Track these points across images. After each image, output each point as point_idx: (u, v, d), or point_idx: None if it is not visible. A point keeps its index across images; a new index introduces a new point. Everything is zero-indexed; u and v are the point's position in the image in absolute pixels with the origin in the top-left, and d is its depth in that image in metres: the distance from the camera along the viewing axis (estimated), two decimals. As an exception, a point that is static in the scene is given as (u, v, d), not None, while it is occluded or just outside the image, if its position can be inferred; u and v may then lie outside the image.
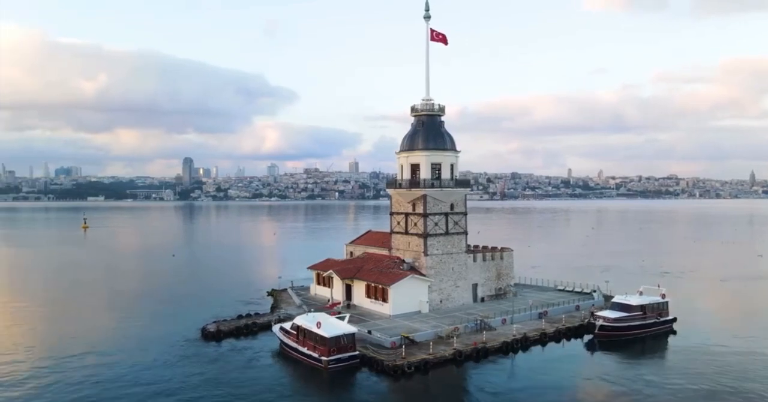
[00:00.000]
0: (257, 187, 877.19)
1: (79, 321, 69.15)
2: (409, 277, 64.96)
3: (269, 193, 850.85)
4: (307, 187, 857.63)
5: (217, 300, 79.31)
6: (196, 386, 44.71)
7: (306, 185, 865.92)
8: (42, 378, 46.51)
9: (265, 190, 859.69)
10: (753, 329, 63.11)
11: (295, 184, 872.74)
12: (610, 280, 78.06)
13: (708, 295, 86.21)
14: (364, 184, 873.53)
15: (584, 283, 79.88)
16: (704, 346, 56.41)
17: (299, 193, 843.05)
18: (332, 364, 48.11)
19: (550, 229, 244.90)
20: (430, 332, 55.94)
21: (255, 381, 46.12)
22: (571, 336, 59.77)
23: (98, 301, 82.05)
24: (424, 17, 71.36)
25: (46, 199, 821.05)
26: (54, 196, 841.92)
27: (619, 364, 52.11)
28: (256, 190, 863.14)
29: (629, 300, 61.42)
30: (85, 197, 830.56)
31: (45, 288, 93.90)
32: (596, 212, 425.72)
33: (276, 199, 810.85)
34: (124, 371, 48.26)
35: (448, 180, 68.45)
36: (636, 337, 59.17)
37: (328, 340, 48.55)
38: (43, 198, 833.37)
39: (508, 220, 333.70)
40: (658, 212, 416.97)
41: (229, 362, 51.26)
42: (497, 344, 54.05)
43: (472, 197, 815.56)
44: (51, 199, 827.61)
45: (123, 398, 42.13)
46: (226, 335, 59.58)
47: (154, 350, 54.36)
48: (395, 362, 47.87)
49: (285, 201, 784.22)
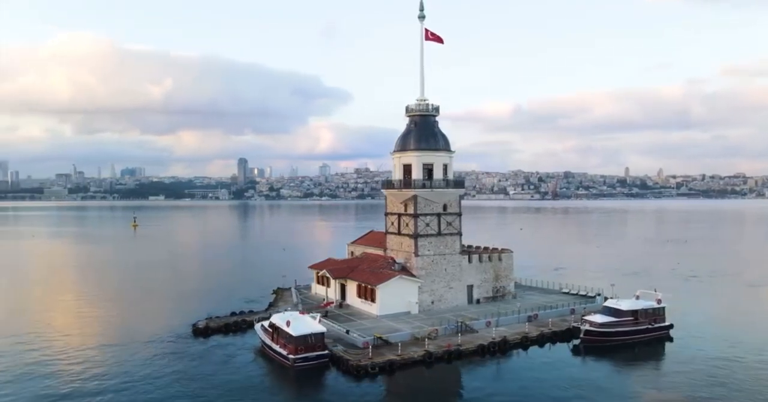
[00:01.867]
0: (308, 186, 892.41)
1: (83, 313, 72.83)
2: (396, 278, 64.97)
3: (320, 192, 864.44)
4: (357, 187, 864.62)
5: (224, 297, 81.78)
6: (166, 382, 46.12)
7: (356, 185, 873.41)
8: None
9: (316, 190, 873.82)
10: (760, 341, 59.38)
11: (345, 184, 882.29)
12: (615, 284, 75.21)
13: (724, 301, 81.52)
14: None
15: (591, 286, 77.46)
16: (699, 355, 53.35)
17: (349, 193, 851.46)
18: (299, 362, 48.86)
19: (597, 230, 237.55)
20: (406, 333, 55.83)
21: (225, 377, 47.22)
22: (558, 340, 58.27)
23: (109, 296, 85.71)
24: (419, 17, 71.04)
25: (111, 199, 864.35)
26: (118, 196, 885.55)
27: (598, 371, 50.53)
28: (307, 190, 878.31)
29: (620, 304, 59.26)
30: (147, 196, 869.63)
31: (68, 281, 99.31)
32: (653, 212, 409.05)
33: (326, 199, 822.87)
34: (99, 366, 50.11)
35: (440, 180, 67.97)
36: (625, 344, 57.03)
37: (296, 339, 49.38)
38: (109, 197, 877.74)
39: (555, 220, 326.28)
40: (724, 212, 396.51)
41: (208, 359, 52.60)
42: (473, 347, 53.36)
43: (524, 197, 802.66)
44: (116, 198, 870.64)
45: (85, 394, 43.48)
46: (214, 332, 61.43)
47: (140, 346, 56.32)
48: (359, 362, 48.16)
49: (335, 200, 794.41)
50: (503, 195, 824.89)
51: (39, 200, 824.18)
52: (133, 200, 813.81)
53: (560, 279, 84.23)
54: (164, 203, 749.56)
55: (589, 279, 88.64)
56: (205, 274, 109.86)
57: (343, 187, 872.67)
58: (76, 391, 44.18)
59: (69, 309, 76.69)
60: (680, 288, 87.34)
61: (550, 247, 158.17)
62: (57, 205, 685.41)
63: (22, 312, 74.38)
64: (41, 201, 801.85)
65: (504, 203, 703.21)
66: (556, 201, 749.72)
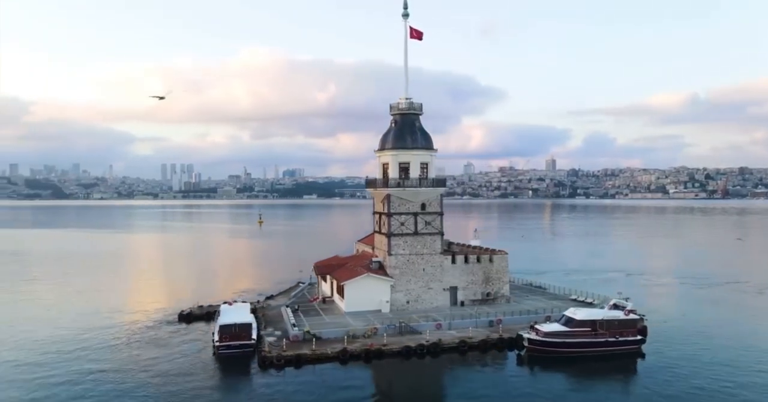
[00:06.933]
0: (451, 185, 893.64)
1: (104, 298, 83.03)
2: (364, 276, 65.58)
3: (462, 191, 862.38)
4: (500, 186, 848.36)
5: (250, 286, 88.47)
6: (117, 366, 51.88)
7: (499, 183, 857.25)
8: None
9: (459, 189, 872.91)
10: (745, 364, 50.41)
11: (488, 183, 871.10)
12: (623, 291, 67.74)
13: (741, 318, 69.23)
14: (560, 183, 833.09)
15: (603, 294, 70.86)
16: (667, 376, 46.92)
17: (492, 192, 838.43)
18: (222, 350, 52.38)
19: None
20: (340, 330, 56.55)
21: (162, 361, 51.42)
22: (505, 347, 54.90)
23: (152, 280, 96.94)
24: (403, 15, 70.63)
25: (272, 197, 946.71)
26: (277, 195, 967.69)
27: (525, 384, 46.72)
28: (450, 189, 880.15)
29: (576, 313, 54.05)
30: (302, 195, 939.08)
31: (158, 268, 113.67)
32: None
33: (468, 198, 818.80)
34: (72, 351, 55.55)
35: (415, 179, 67.11)
36: (580, 357, 51.91)
37: (221, 328, 53.15)
38: (269, 196, 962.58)
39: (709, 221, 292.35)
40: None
41: (168, 345, 57.22)
42: (397, 348, 52.67)
43: (686, 195, 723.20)
44: (275, 197, 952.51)
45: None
46: (196, 319, 67.44)
47: (122, 331, 62.52)
48: (269, 353, 50.40)
49: (476, 199, 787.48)
50: (661, 194, 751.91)
51: (213, 199, 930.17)
52: (289, 199, 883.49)
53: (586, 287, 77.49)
54: (315, 201, 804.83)
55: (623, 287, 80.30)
56: (272, 269, 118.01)
57: (486, 185, 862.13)
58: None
59: (118, 290, 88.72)
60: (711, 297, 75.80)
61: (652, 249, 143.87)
62: (224, 203, 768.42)
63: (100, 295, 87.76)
64: (214, 200, 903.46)
65: (663, 203, 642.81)
66: (727, 200, 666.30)
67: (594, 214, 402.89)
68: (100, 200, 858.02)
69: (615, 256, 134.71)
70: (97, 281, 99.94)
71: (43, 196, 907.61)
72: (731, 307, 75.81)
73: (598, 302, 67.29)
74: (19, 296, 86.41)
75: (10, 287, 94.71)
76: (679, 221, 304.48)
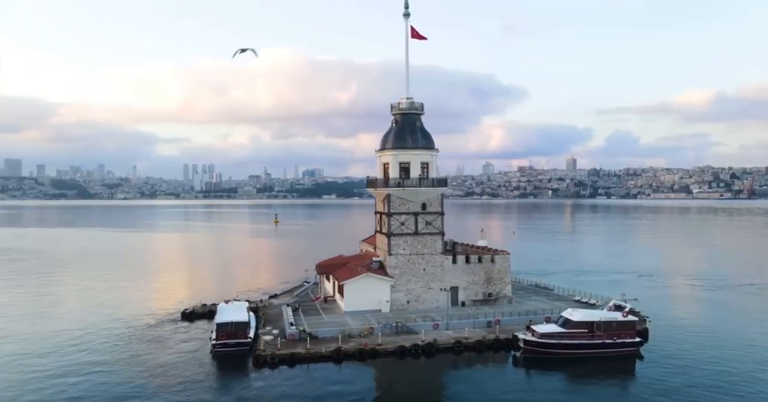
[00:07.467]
0: (470, 185, 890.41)
1: (113, 295, 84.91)
2: (364, 275, 65.65)
3: (481, 191, 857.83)
4: (520, 186, 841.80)
5: (256, 285, 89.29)
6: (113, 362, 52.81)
7: (519, 183, 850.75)
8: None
9: (478, 189, 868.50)
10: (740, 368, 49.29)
11: (507, 183, 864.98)
12: (630, 293, 66.79)
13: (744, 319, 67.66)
14: (580, 182, 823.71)
15: (607, 295, 69.95)
16: (664, 379, 46.20)
17: (511, 192, 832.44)
18: (218, 348, 52.96)
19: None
20: (336, 329, 56.68)
21: (162, 358, 52.44)
22: (502, 348, 54.51)
23: (154, 278, 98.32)
24: (404, 15, 70.59)
25: (291, 197, 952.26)
26: (297, 195, 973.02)
27: (521, 385, 46.60)
28: (469, 189, 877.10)
29: (572, 314, 53.42)
30: (321, 195, 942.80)
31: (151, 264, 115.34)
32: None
33: (487, 198, 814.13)
34: (71, 347, 56.68)
35: (415, 179, 66.97)
36: (576, 358, 51.33)
37: (218, 326, 53.73)
38: (289, 196, 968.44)
39: (731, 222, 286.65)
40: None
41: (167, 342, 58.26)
42: (392, 348, 52.65)
43: (710, 195, 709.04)
44: (294, 197, 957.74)
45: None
46: (198, 317, 68.21)
47: (125, 328, 63.66)
48: (263, 352, 50.75)
49: (495, 199, 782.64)
50: (684, 193, 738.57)
51: (233, 199, 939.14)
52: (308, 198, 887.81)
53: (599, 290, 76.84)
54: (334, 201, 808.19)
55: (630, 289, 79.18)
56: (280, 268, 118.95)
57: (505, 185, 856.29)
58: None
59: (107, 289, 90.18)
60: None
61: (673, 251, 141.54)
62: (244, 203, 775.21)
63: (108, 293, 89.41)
64: (234, 200, 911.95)
65: (686, 203, 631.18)
66: (753, 200, 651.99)
67: (614, 214, 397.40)
68: (124, 200, 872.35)
69: (629, 257, 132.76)
70: (109, 279, 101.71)
71: (69, 196, 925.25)
72: (742, 310, 74.12)
73: (601, 303, 66.37)
74: (31, 291, 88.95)
75: (23, 283, 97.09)
76: (702, 221, 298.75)
